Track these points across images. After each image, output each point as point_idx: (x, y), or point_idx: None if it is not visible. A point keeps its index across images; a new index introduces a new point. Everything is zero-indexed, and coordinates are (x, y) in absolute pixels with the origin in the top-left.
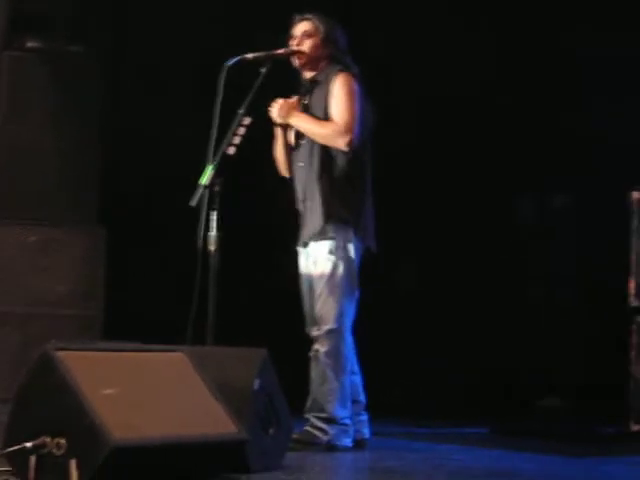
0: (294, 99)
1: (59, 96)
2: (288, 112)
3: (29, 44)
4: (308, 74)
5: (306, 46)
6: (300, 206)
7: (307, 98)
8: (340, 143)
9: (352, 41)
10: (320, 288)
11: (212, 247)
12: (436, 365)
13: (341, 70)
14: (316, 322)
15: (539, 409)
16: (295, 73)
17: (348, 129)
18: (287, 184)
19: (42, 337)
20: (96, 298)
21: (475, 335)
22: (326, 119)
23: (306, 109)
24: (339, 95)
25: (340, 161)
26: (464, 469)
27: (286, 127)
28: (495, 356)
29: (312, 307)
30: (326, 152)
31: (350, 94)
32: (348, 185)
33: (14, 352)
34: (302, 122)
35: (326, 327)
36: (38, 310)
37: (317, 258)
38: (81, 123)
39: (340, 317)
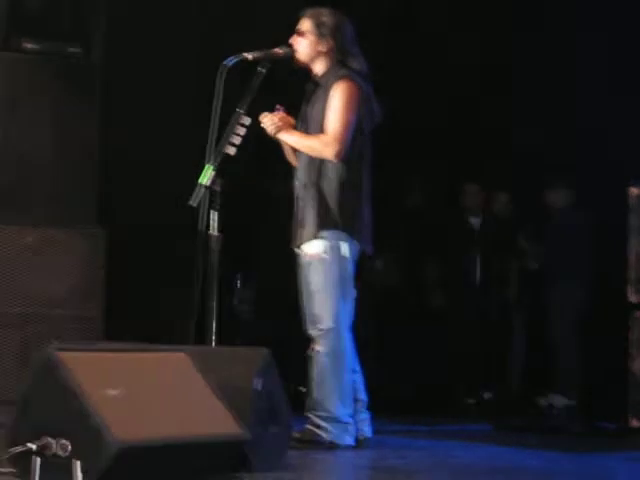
0: (280, 113)
1: (57, 97)
2: (277, 129)
3: (27, 45)
4: (313, 73)
5: (300, 46)
6: (296, 206)
7: (310, 99)
8: (328, 154)
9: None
10: (315, 288)
11: (213, 247)
12: (438, 362)
13: (342, 77)
14: (314, 322)
15: (541, 406)
16: (304, 72)
17: (336, 140)
18: (286, 184)
19: (42, 338)
20: (96, 299)
21: (476, 333)
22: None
23: (306, 112)
24: (333, 105)
25: (338, 167)
26: (466, 466)
27: None
28: (497, 353)
29: (309, 306)
30: (331, 162)
31: (345, 103)
32: (345, 191)
33: (14, 353)
34: (291, 139)
35: (323, 326)
36: (38, 311)
37: (311, 258)
38: (80, 124)
39: (337, 316)
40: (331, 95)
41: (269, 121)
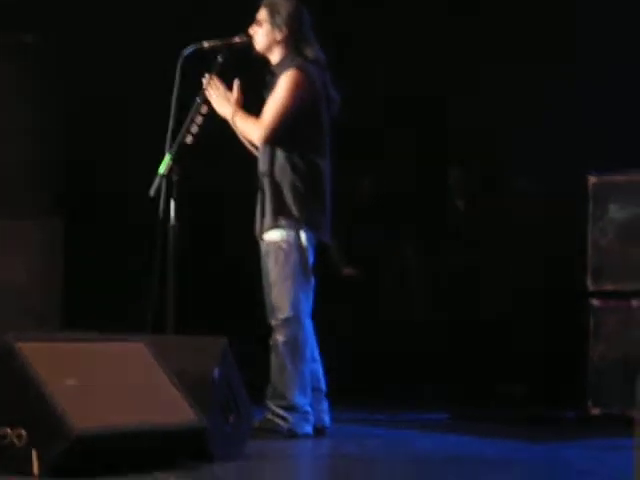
0: (235, 90)
1: (14, 87)
2: (231, 110)
3: None
4: (270, 61)
5: (257, 35)
6: (258, 195)
7: (268, 89)
8: (255, 138)
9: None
10: (274, 277)
11: (171, 236)
12: (397, 351)
13: (290, 66)
14: (273, 311)
15: (499, 395)
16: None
17: (264, 126)
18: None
19: None
20: (53, 290)
21: (435, 322)
22: None
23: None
24: (275, 93)
25: (290, 156)
26: (424, 455)
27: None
28: (456, 341)
29: (270, 296)
30: (281, 151)
31: (284, 92)
32: (299, 180)
33: None
34: (239, 123)
35: (282, 316)
36: None
37: (269, 247)
38: (41, 116)
39: (296, 305)
40: (276, 85)
41: (224, 98)
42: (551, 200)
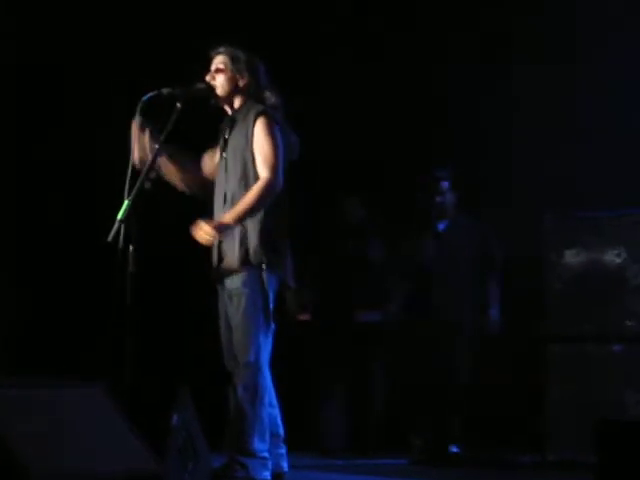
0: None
1: None
2: (215, 230)
3: None
4: (227, 109)
5: (218, 81)
6: (215, 240)
7: (227, 132)
8: (273, 192)
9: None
10: (236, 322)
11: (128, 284)
12: (348, 397)
13: (261, 113)
14: (234, 356)
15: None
16: (217, 107)
17: (272, 173)
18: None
19: None
20: (5, 334)
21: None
22: (249, 158)
23: (225, 144)
24: (259, 141)
25: None
26: None
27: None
28: (412, 385)
29: (229, 341)
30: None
31: (269, 137)
32: (267, 225)
33: None
34: (234, 216)
35: (243, 361)
36: None
37: (232, 292)
38: None
39: (257, 350)
40: (255, 131)
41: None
42: (507, 245)
